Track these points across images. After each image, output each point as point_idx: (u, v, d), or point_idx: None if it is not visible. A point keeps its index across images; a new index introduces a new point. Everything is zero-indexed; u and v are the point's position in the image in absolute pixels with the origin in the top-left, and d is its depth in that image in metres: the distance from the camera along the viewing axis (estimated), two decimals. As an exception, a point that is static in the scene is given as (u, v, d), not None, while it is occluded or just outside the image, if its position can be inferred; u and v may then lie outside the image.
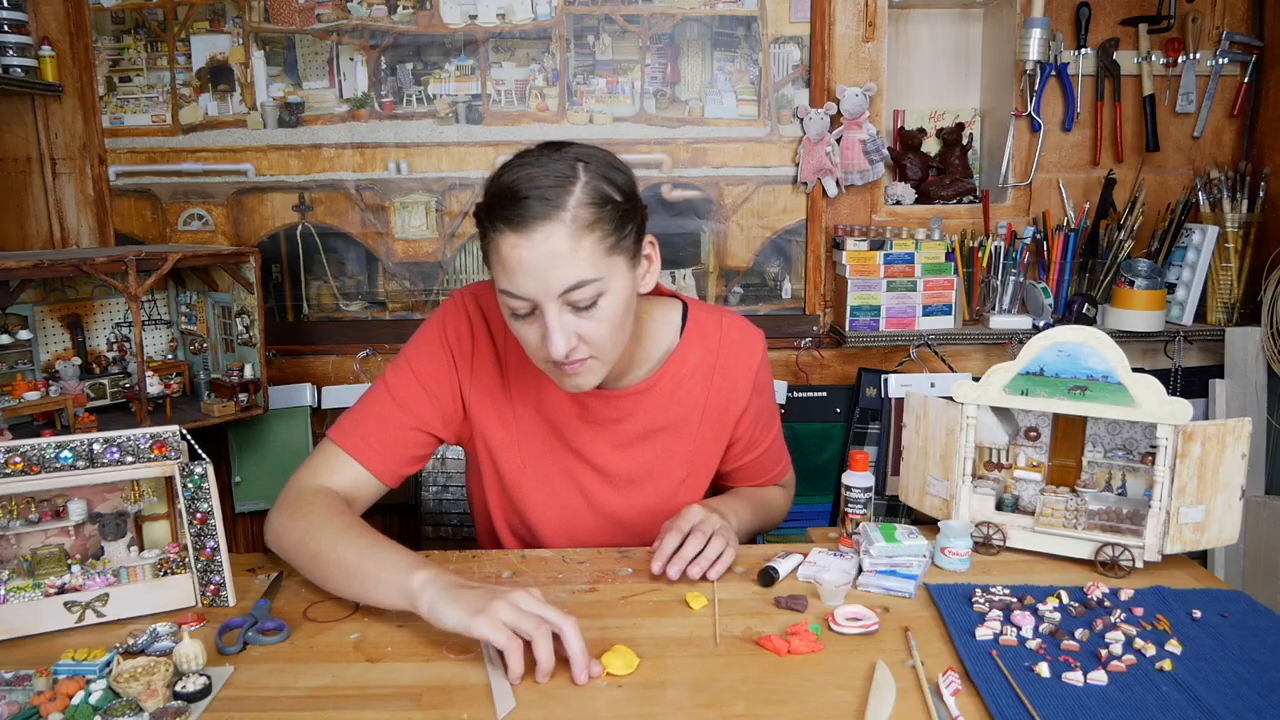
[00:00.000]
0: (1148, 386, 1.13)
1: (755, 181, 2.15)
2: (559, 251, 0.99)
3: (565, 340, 1.02)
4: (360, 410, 1.20)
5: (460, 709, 0.86)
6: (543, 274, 0.99)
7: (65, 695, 0.86)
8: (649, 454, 1.27)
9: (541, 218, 0.98)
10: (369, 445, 1.17)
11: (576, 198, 1.00)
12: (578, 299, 1.01)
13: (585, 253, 1.00)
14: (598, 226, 1.01)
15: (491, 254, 1.03)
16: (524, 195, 0.99)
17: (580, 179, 1.02)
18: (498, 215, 1.00)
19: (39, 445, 1.01)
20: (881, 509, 2.12)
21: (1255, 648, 0.96)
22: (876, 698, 0.86)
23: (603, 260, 1.02)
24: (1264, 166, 2.08)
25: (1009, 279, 2.12)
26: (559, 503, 1.28)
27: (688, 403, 1.25)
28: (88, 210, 2.16)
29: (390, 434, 1.19)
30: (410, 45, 2.09)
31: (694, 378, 1.25)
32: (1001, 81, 2.15)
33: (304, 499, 1.12)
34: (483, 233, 1.05)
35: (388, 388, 1.21)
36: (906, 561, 1.14)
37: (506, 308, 1.05)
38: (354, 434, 1.18)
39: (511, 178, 1.01)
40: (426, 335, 1.23)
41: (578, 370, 1.07)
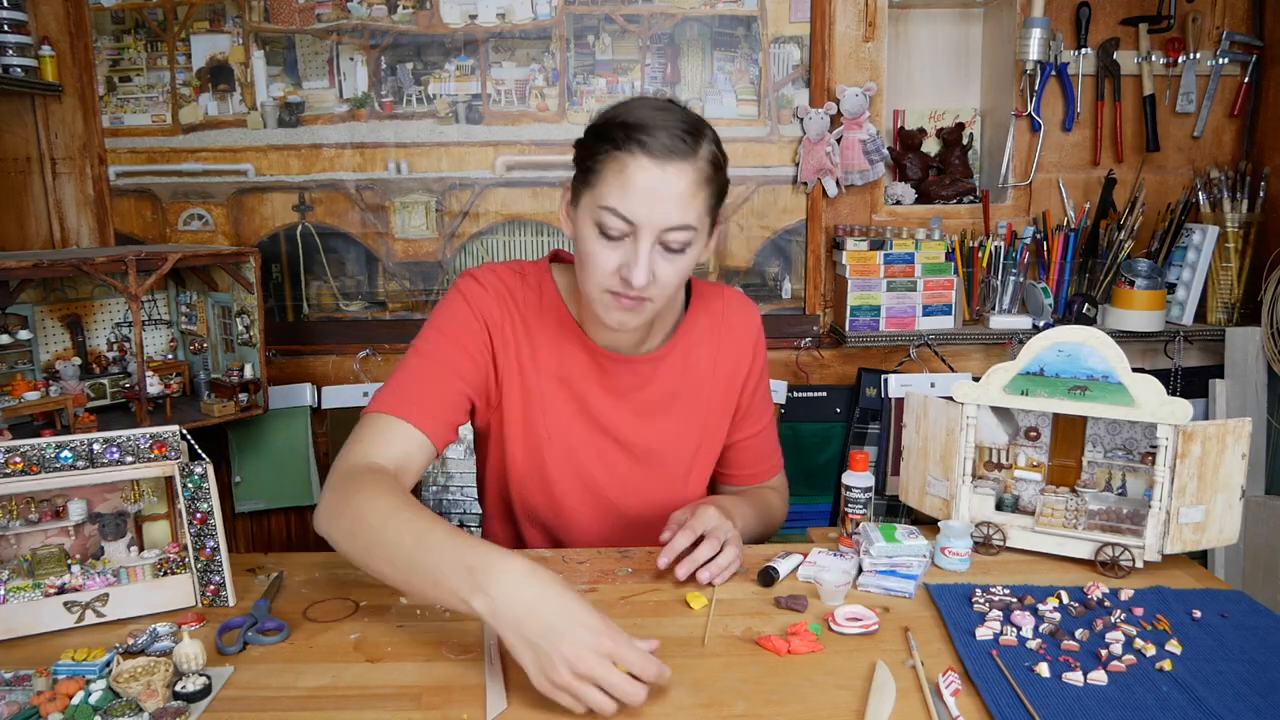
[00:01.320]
0: (1148, 386, 1.13)
1: (755, 181, 2.15)
2: (681, 191, 1.05)
3: (647, 273, 1.06)
4: (398, 378, 1.16)
5: (460, 709, 0.86)
6: (660, 205, 1.04)
7: (65, 695, 0.86)
8: (666, 423, 1.30)
9: (680, 155, 1.04)
10: (415, 405, 1.13)
11: (705, 151, 1.07)
12: (673, 240, 1.07)
13: (698, 202, 1.07)
14: (712, 184, 1.09)
15: (608, 172, 1.05)
16: (665, 128, 1.04)
17: (709, 136, 1.09)
18: (634, 137, 1.04)
19: (39, 445, 1.01)
20: (881, 509, 2.12)
21: (1255, 648, 0.96)
22: (876, 698, 0.86)
23: (703, 215, 1.09)
24: (1264, 166, 2.08)
25: (1009, 279, 2.12)
26: (582, 476, 1.29)
27: (699, 369, 1.30)
28: (88, 210, 2.16)
29: (434, 392, 1.15)
30: (410, 45, 2.09)
31: (703, 344, 1.30)
32: (1001, 81, 2.15)
33: (352, 479, 1.04)
34: (596, 153, 1.07)
35: (421, 354, 1.18)
36: (906, 561, 1.14)
37: (596, 227, 1.07)
38: (395, 399, 1.13)
39: (647, 113, 1.06)
40: (452, 307, 1.22)
41: (633, 306, 1.11)
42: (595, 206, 1.07)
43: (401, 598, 1.09)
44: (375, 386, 2.16)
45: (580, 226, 1.11)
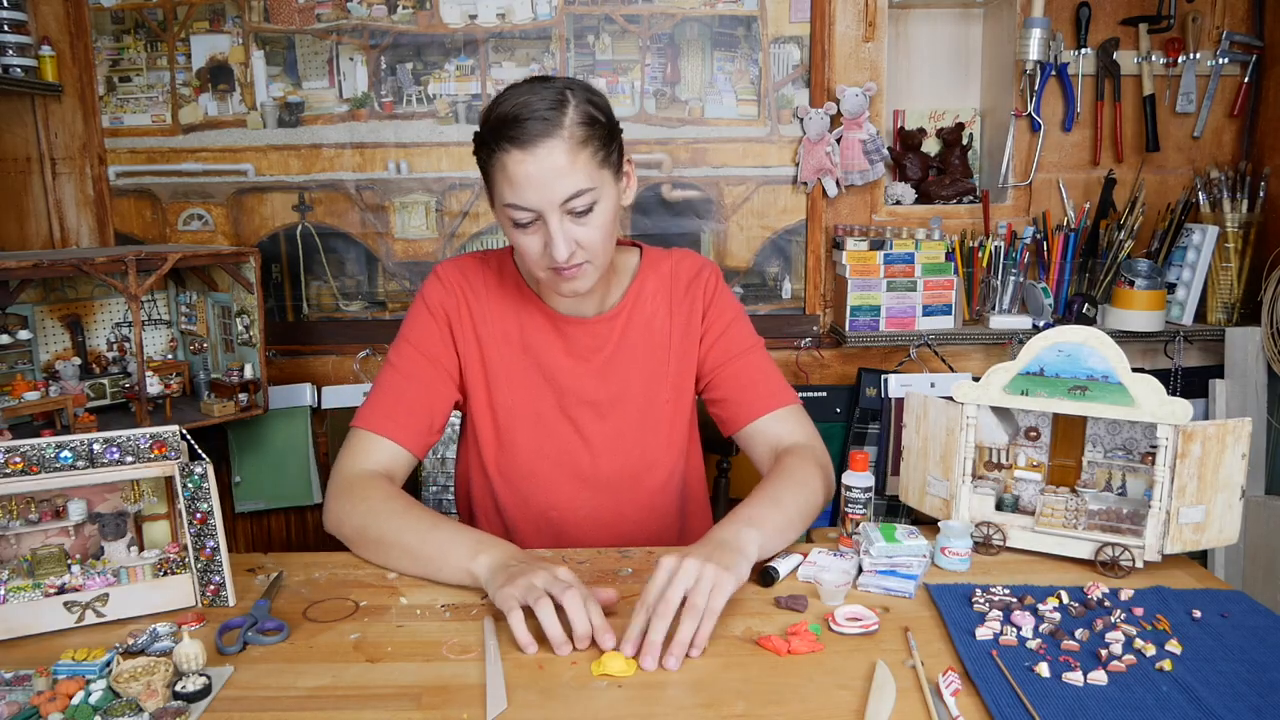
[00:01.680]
0: (1148, 386, 1.13)
1: (755, 181, 2.15)
2: (559, 165, 1.10)
3: (567, 245, 1.13)
4: (375, 394, 1.29)
5: (460, 709, 0.86)
6: (546, 185, 1.11)
7: (65, 695, 0.86)
8: (630, 377, 1.34)
9: (543, 135, 1.09)
10: (392, 421, 1.26)
11: (570, 118, 1.11)
12: (576, 206, 1.13)
13: (581, 165, 1.12)
14: (590, 142, 1.13)
15: (496, 174, 1.14)
16: (525, 118, 1.09)
17: (571, 102, 1.13)
18: (502, 136, 1.10)
19: (39, 445, 1.01)
20: (881, 509, 2.12)
21: (1255, 648, 0.96)
22: (876, 698, 0.86)
23: (595, 172, 1.14)
24: (1264, 166, 2.08)
25: (1009, 279, 2.12)
26: (554, 439, 1.33)
27: (655, 326, 1.35)
28: (88, 210, 2.16)
29: (407, 405, 1.27)
30: (410, 45, 2.09)
31: (655, 301, 1.35)
32: (1001, 81, 2.15)
33: (357, 485, 1.20)
34: (485, 158, 1.15)
35: (394, 367, 1.30)
36: (906, 561, 1.14)
37: (509, 221, 1.16)
38: (375, 414, 1.26)
39: (510, 105, 1.11)
40: (414, 312, 1.34)
41: (575, 274, 1.18)
42: (500, 206, 1.16)
43: (402, 597, 1.10)
44: (375, 386, 2.16)
45: (501, 224, 1.19)
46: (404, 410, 1.27)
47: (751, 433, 1.32)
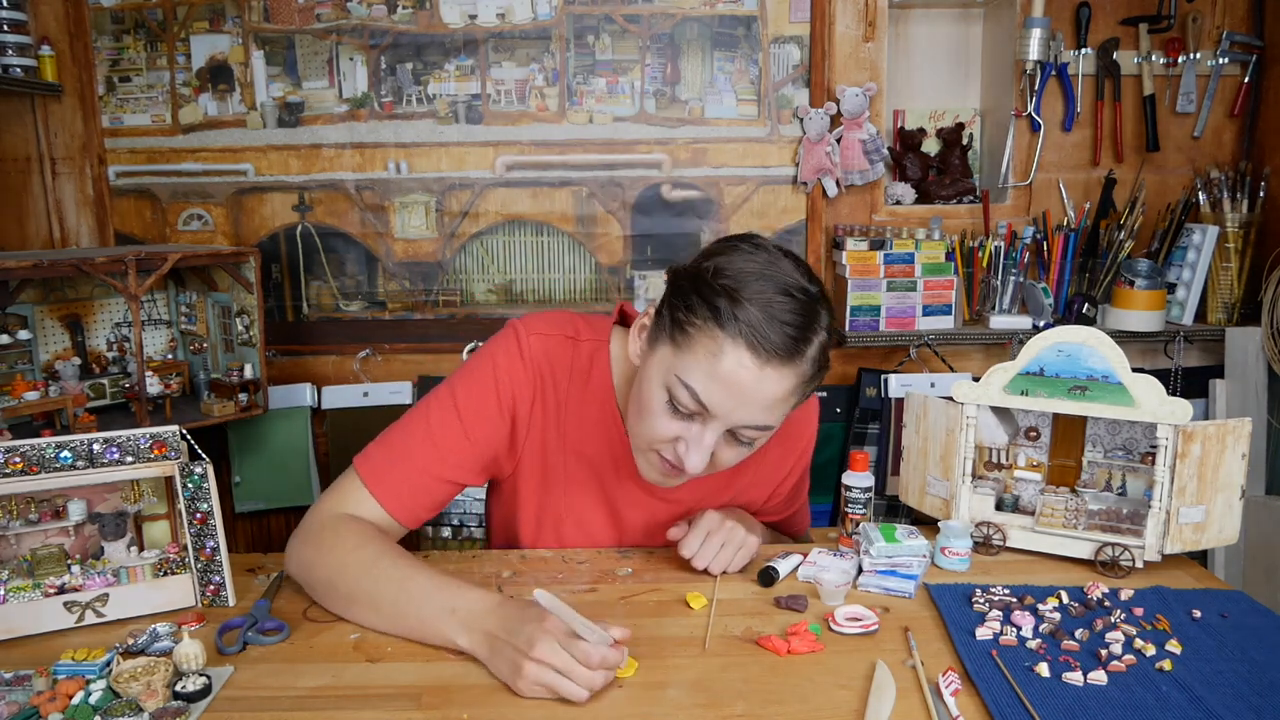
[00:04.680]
0: (1148, 386, 1.13)
1: (755, 181, 2.15)
2: (776, 397, 0.95)
3: (703, 460, 0.99)
4: (395, 447, 1.11)
5: (460, 709, 0.86)
6: (747, 405, 0.95)
7: (65, 695, 0.86)
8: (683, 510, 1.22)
9: (784, 361, 0.93)
10: (397, 490, 1.09)
11: (813, 352, 0.96)
12: (745, 434, 0.99)
13: (787, 406, 0.98)
14: (809, 385, 0.99)
15: (699, 344, 0.94)
16: (779, 322, 0.92)
17: (821, 331, 0.96)
18: (741, 320, 0.92)
19: (39, 445, 1.01)
20: (881, 509, 2.12)
21: (1255, 648, 0.96)
22: (876, 698, 0.86)
23: (786, 413, 1.00)
24: (1264, 166, 2.08)
25: (1009, 279, 2.12)
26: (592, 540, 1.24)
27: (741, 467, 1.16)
28: (87, 210, 2.16)
29: (420, 481, 1.10)
30: (410, 45, 2.09)
31: None
32: (1001, 81, 2.15)
33: (331, 528, 1.05)
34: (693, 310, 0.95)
35: (429, 428, 1.11)
36: (906, 561, 1.14)
37: (667, 389, 0.97)
38: (383, 474, 1.09)
39: (766, 295, 0.93)
40: (477, 373, 1.12)
41: (677, 475, 1.04)
42: (672, 373, 0.96)
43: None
44: (375, 386, 2.16)
45: (648, 375, 1.00)
46: (415, 483, 1.09)
47: None
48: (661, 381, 0.98)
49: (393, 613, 0.97)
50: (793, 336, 0.92)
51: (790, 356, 0.93)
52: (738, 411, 0.95)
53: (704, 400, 0.95)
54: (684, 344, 0.96)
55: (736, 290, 0.93)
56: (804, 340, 0.94)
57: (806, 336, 0.94)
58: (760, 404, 0.95)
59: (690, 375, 0.95)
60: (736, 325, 0.92)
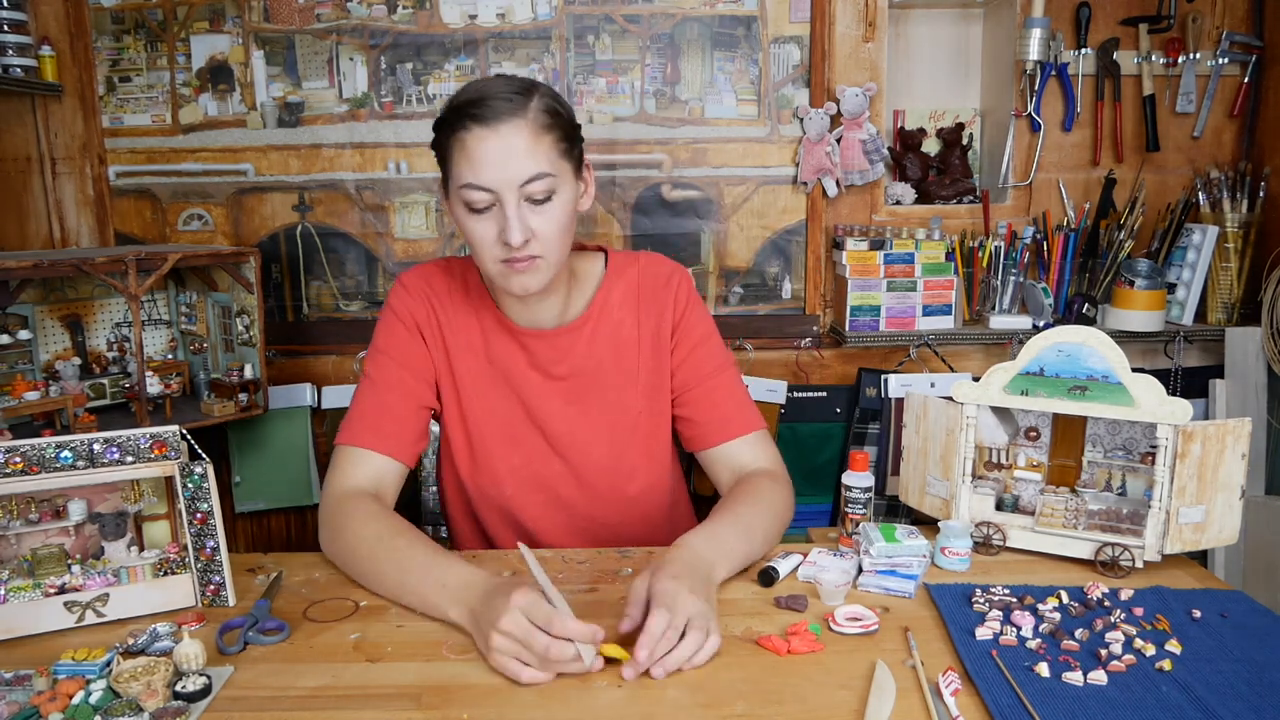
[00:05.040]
0: (1148, 386, 1.13)
1: (755, 181, 2.15)
2: (521, 146, 1.09)
3: (521, 231, 1.10)
4: (356, 409, 1.25)
5: (460, 709, 0.86)
6: (506, 164, 1.09)
7: (65, 695, 0.86)
8: (599, 389, 1.31)
9: (508, 115, 1.09)
10: (376, 433, 1.22)
11: (535, 104, 1.11)
12: (534, 191, 1.11)
13: (544, 150, 1.11)
14: (553, 130, 1.12)
15: (455, 154, 1.12)
16: (490, 98, 1.09)
17: (536, 92, 1.13)
18: (465, 114, 1.09)
19: (39, 445, 1.01)
20: (881, 509, 2.12)
21: (1255, 648, 0.96)
22: (876, 698, 0.86)
23: (557, 161, 1.12)
24: (1264, 166, 2.08)
25: (1009, 279, 2.12)
26: (525, 454, 1.31)
27: (623, 337, 1.31)
28: (88, 210, 2.16)
29: (392, 417, 1.24)
30: (410, 45, 2.09)
31: (623, 311, 1.31)
32: (1001, 81, 2.15)
33: (340, 511, 1.16)
34: (443, 141, 1.14)
35: (372, 380, 1.27)
36: (906, 561, 1.14)
37: (464, 204, 1.12)
38: (360, 430, 1.23)
39: (475, 88, 1.12)
40: (384, 323, 1.30)
41: (527, 268, 1.14)
42: (457, 189, 1.12)
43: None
44: (375, 386, 2.16)
45: (455, 213, 1.16)
46: (389, 421, 1.23)
47: (716, 455, 1.31)
48: (460, 202, 1.13)
49: (396, 589, 1.07)
50: (507, 96, 1.09)
51: (513, 110, 1.09)
52: (506, 173, 1.09)
53: (479, 183, 1.09)
54: (450, 165, 1.14)
55: (455, 101, 1.13)
56: (521, 95, 1.10)
57: (524, 92, 1.11)
58: (516, 156, 1.09)
59: (463, 176, 1.11)
60: (462, 119, 1.10)
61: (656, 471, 1.37)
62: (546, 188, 1.11)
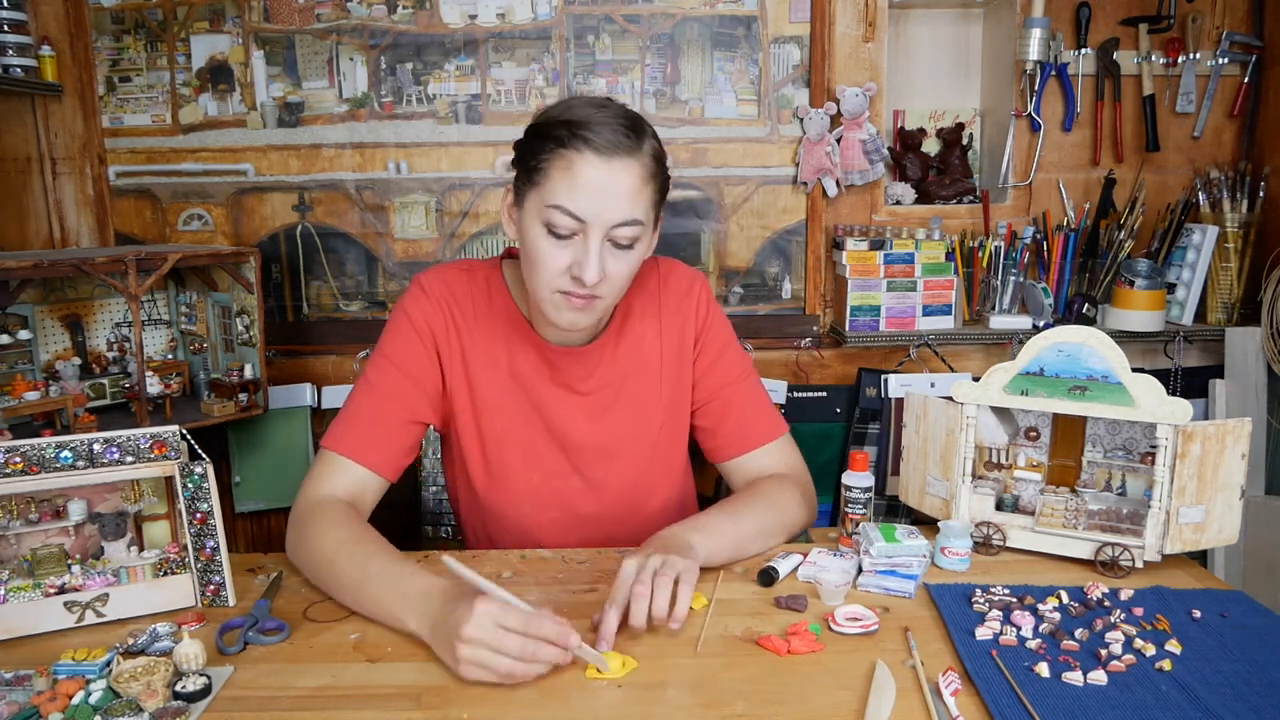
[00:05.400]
0: (1148, 386, 1.13)
1: (755, 181, 2.15)
2: (628, 187, 1.06)
3: (598, 270, 1.07)
4: (350, 413, 1.21)
5: (460, 709, 0.86)
6: (609, 201, 1.06)
7: (65, 695, 0.86)
8: (620, 416, 1.29)
9: (625, 152, 1.06)
10: (365, 445, 1.19)
11: (648, 148, 1.09)
12: (622, 236, 1.08)
13: (644, 198, 1.09)
14: (655, 179, 1.11)
15: (554, 170, 1.06)
16: (607, 126, 1.05)
17: (649, 134, 1.10)
18: (579, 135, 1.04)
19: (39, 445, 1.01)
20: (881, 509, 2.12)
21: (1255, 648, 0.96)
22: (876, 698, 0.86)
23: (649, 210, 1.11)
24: (1264, 166, 2.08)
25: (1009, 279, 2.12)
26: (544, 472, 1.28)
27: (645, 348, 1.29)
28: (88, 210, 2.16)
29: (384, 429, 1.20)
30: (410, 45, 2.09)
31: (644, 322, 1.29)
32: (1001, 81, 2.15)
33: (309, 515, 1.13)
34: (541, 151, 1.07)
35: (371, 385, 1.22)
36: (906, 561, 1.14)
37: (543, 226, 1.08)
38: (348, 437, 1.19)
39: (590, 112, 1.07)
40: (395, 326, 1.25)
41: (584, 306, 1.11)
42: (542, 206, 1.07)
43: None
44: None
45: (526, 227, 1.11)
46: (379, 433, 1.19)
47: (735, 466, 1.32)
48: (538, 220, 1.08)
49: (356, 597, 1.03)
50: (624, 132, 1.06)
51: (630, 149, 1.06)
52: (605, 210, 1.06)
53: (575, 211, 1.05)
54: (543, 179, 1.07)
55: (566, 117, 1.07)
56: (637, 134, 1.07)
57: (638, 131, 1.08)
58: (620, 196, 1.06)
59: (557, 197, 1.06)
60: (576, 140, 1.05)
61: (673, 486, 1.36)
62: (633, 235, 1.09)
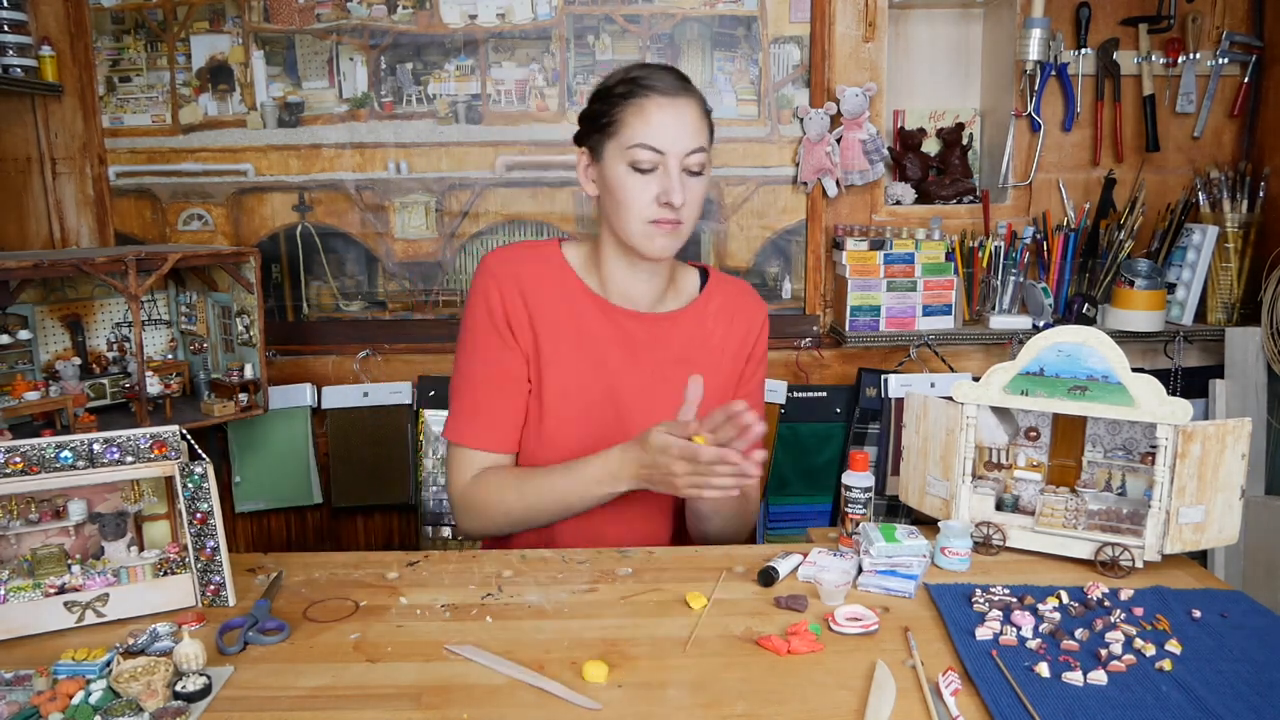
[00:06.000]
0: (1148, 386, 1.13)
1: (755, 181, 2.15)
2: (693, 120, 1.24)
3: (682, 193, 1.22)
4: (460, 405, 1.33)
5: (460, 709, 0.86)
6: (680, 132, 1.22)
7: (65, 695, 0.86)
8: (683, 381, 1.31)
9: (686, 93, 1.25)
10: (487, 432, 1.32)
11: (698, 94, 1.28)
12: (694, 163, 1.24)
13: (705, 130, 1.26)
14: (708, 117, 1.28)
15: (629, 117, 1.23)
16: (666, 74, 1.25)
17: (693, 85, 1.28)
18: (644, 85, 1.23)
19: (39, 445, 1.01)
20: (881, 509, 2.12)
21: (1255, 648, 0.96)
22: (876, 698, 0.86)
23: (708, 142, 1.27)
24: (1264, 166, 2.08)
25: (1009, 279, 2.12)
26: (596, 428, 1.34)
27: (711, 341, 1.39)
28: (88, 210, 2.16)
29: (500, 411, 1.32)
30: (410, 45, 2.09)
31: (717, 318, 1.40)
32: (1001, 81, 2.15)
33: (470, 495, 1.30)
34: (612, 106, 1.24)
35: (468, 378, 1.34)
36: (906, 561, 1.14)
37: (629, 163, 1.23)
38: (469, 429, 1.32)
39: (643, 70, 1.26)
40: (474, 313, 1.34)
41: (671, 230, 1.25)
42: (624, 149, 1.23)
43: (402, 597, 1.10)
44: (375, 386, 2.16)
45: (610, 173, 1.25)
46: (495, 419, 1.32)
47: None
48: (623, 162, 1.24)
49: (563, 511, 1.26)
50: (677, 77, 1.26)
51: (687, 89, 1.26)
52: (679, 140, 1.22)
53: (656, 145, 1.22)
54: (620, 129, 1.24)
55: (626, 77, 1.25)
56: (687, 81, 1.27)
57: (686, 79, 1.27)
58: (688, 127, 1.23)
59: (638, 136, 1.22)
60: (642, 89, 1.23)
61: None
62: (702, 161, 1.25)
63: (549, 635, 1.00)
